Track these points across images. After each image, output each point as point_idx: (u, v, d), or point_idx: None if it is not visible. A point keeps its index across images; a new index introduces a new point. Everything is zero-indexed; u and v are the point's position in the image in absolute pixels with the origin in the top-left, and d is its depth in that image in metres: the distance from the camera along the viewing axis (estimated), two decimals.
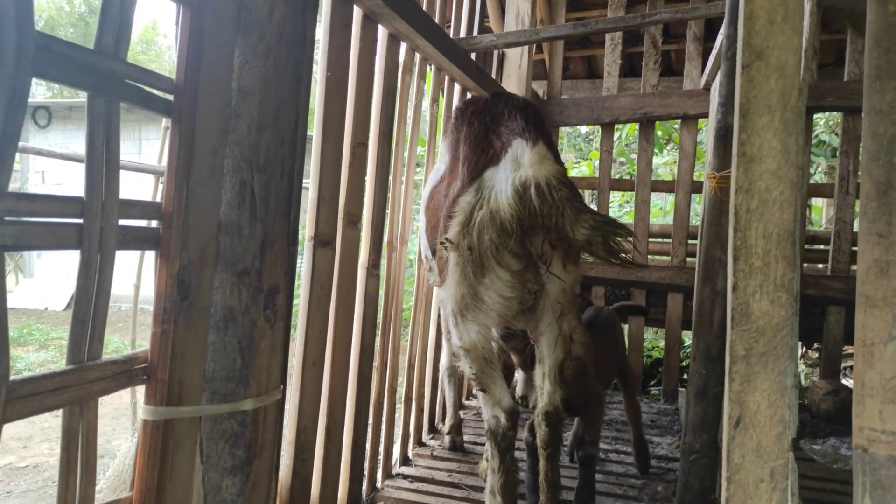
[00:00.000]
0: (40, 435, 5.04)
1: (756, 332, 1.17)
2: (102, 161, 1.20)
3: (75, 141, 11.23)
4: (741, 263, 1.18)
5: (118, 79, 1.21)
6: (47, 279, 11.66)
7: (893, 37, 1.10)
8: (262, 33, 1.48)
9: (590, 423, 2.31)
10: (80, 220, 1.16)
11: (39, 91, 21.24)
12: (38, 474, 4.50)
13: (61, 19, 23.25)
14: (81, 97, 1.38)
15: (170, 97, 1.36)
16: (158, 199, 1.38)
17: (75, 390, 1.16)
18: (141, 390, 1.37)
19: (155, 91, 1.34)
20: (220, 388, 1.46)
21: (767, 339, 1.16)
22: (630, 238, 1.78)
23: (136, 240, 1.32)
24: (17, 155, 1.26)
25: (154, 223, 1.38)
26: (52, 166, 11.66)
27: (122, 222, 1.27)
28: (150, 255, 2.16)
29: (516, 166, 1.83)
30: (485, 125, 2.07)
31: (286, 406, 1.96)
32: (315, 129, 2.10)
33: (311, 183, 2.08)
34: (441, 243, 1.98)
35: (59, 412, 1.16)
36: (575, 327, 2.05)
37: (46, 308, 10.95)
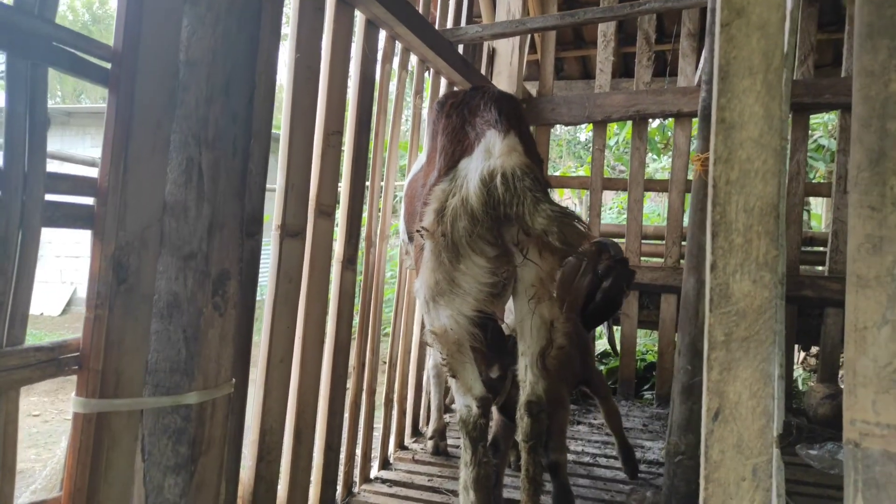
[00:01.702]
0: (28, 440, 4.92)
1: (736, 315, 1.06)
2: (25, 129, 1.10)
3: (73, 148, 11.17)
4: (720, 240, 1.08)
5: (43, 40, 1.12)
6: (43, 283, 11.56)
7: None
8: (210, 2, 1.38)
9: (550, 425, 2.17)
10: None
11: None
12: (22, 480, 4.38)
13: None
14: (82, 103, 1.29)
15: (107, 65, 1.26)
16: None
17: None
18: None
19: (91, 58, 1.24)
20: (163, 381, 1.35)
21: (749, 322, 1.05)
22: (586, 230, 1.80)
23: (66, 217, 1.21)
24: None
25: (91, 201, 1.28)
26: (53, 168, 11.57)
27: (51, 198, 1.18)
28: None
29: (487, 156, 1.86)
30: (462, 117, 2.07)
31: (249, 404, 1.86)
32: (283, 114, 2.01)
33: (279, 170, 1.99)
34: (417, 231, 1.98)
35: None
36: (557, 315, 1.99)
37: (42, 313, 10.83)
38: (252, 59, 1.50)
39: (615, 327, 3.99)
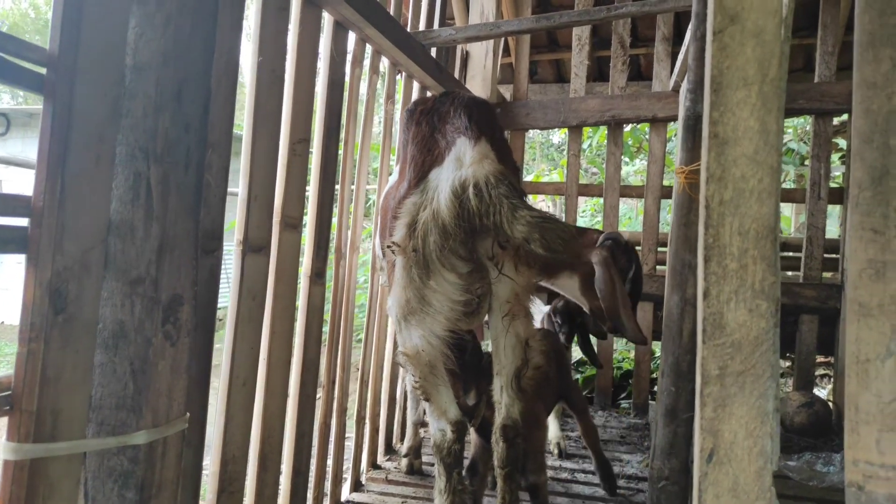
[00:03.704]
0: None
1: (731, 347, 0.98)
2: None
3: (35, 152, 10.80)
4: (713, 265, 1.00)
5: None
6: (4, 292, 11.14)
7: None
8: (160, 0, 1.26)
9: (527, 447, 2.08)
10: None
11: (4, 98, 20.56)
12: None
13: (26, 26, 22.52)
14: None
15: (42, 70, 1.14)
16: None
17: None
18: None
19: (24, 63, 1.12)
20: (107, 418, 1.23)
21: (745, 355, 0.97)
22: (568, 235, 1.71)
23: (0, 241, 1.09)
24: None
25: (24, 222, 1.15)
26: (11, 174, 11.18)
27: None
28: None
29: (458, 165, 1.79)
30: (432, 124, 2.00)
31: (210, 433, 1.73)
32: (245, 121, 1.89)
33: (240, 181, 1.87)
34: (388, 246, 1.91)
35: None
36: (533, 333, 1.92)
37: (3, 322, 10.46)
38: (208, 63, 1.38)
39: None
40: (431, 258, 1.78)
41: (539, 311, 2.84)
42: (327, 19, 2.32)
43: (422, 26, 3.41)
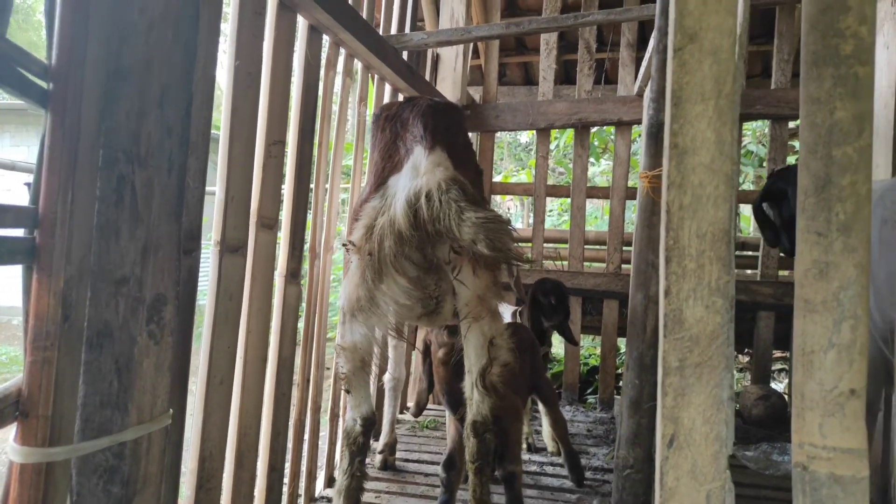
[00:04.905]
0: None
1: (690, 340, 1.06)
2: None
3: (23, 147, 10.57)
4: (673, 266, 1.08)
5: (2, 59, 1.02)
6: None
7: (830, 20, 1.03)
8: (143, 7, 1.29)
9: (505, 438, 2.17)
10: None
11: None
12: None
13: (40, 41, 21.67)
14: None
15: (44, 84, 1.15)
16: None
17: None
18: None
19: (31, 76, 1.14)
20: (92, 416, 1.25)
21: (702, 348, 1.06)
22: (515, 235, 1.82)
23: (7, 253, 1.10)
24: None
25: (22, 232, 1.17)
26: None
27: None
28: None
29: (415, 174, 1.86)
30: (394, 131, 2.07)
31: (188, 431, 1.76)
32: (223, 124, 1.92)
33: (217, 182, 1.90)
34: (344, 245, 2.00)
35: None
36: (499, 331, 1.98)
37: None
38: (189, 69, 1.41)
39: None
40: (385, 262, 1.85)
41: (507, 308, 2.91)
42: (302, 23, 2.35)
43: (394, 29, 3.46)
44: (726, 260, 1.07)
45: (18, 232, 1.17)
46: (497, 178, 8.25)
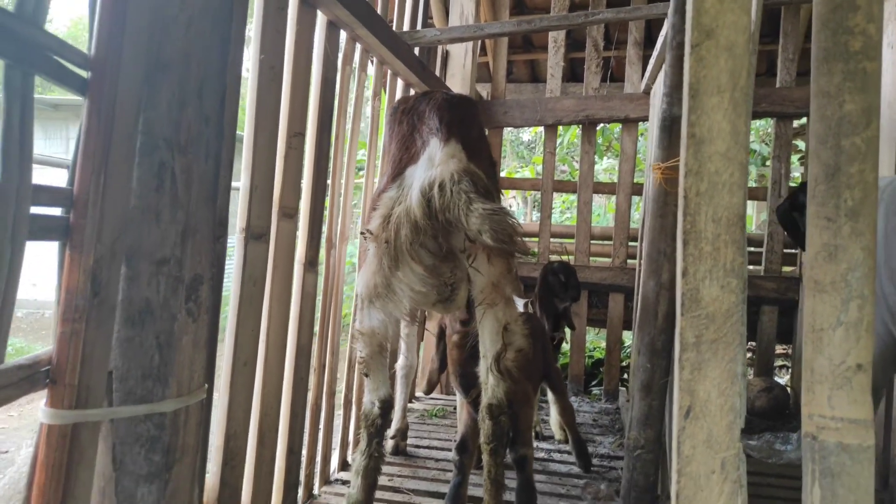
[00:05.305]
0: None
1: (706, 318, 1.13)
2: (18, 140, 1.06)
3: None
4: (691, 248, 1.14)
5: (38, 49, 1.08)
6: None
7: (840, 18, 1.09)
8: (183, 2, 1.35)
9: (516, 423, 2.24)
10: None
11: None
12: None
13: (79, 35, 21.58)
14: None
15: (83, 73, 1.22)
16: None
17: None
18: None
19: (71, 66, 1.20)
20: (134, 388, 1.32)
21: (717, 325, 1.12)
22: (519, 228, 1.84)
23: (42, 230, 1.16)
24: None
25: (58, 211, 1.24)
26: None
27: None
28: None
29: (430, 165, 1.91)
30: (411, 124, 2.12)
31: (214, 410, 1.83)
32: (247, 115, 1.98)
33: (242, 172, 1.97)
34: (362, 233, 2.06)
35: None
36: (514, 317, 2.04)
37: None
38: (224, 62, 1.48)
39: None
40: (402, 250, 1.90)
41: (518, 300, 2.98)
42: (321, 19, 2.42)
43: (406, 26, 3.52)
44: (740, 243, 1.14)
45: (57, 211, 1.25)
46: (502, 175, 8.30)
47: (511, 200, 12.01)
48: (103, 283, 1.25)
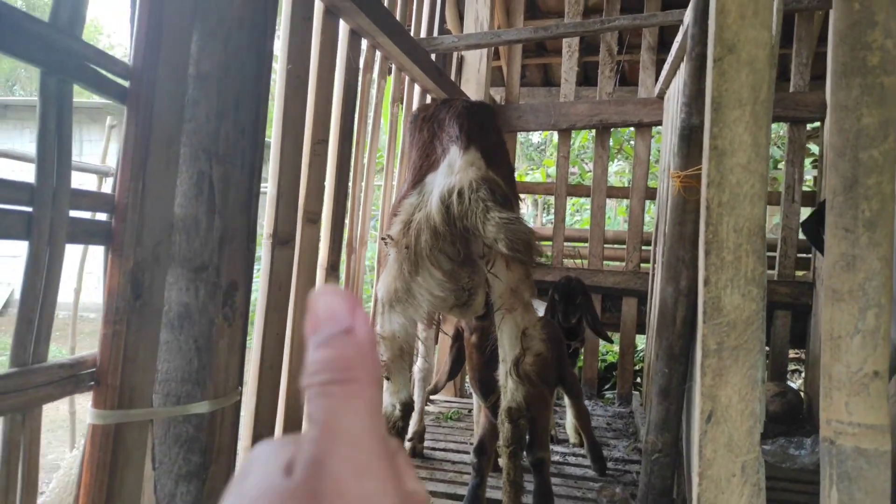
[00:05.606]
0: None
1: (727, 325, 1.17)
2: (55, 145, 1.12)
3: (10, 143, 10.72)
4: (713, 258, 1.18)
5: (74, 57, 1.13)
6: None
7: (858, 34, 1.13)
8: (221, 17, 1.41)
9: (534, 426, 2.28)
10: (30, 209, 1.08)
11: None
12: None
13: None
14: (16, 94, 1.29)
15: (123, 82, 1.28)
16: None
17: (18, 396, 1.06)
18: (80, 399, 1.28)
19: (110, 75, 1.26)
20: (174, 390, 1.38)
21: (738, 332, 1.16)
22: (536, 239, 1.88)
23: (85, 233, 1.23)
24: None
25: (101, 216, 1.29)
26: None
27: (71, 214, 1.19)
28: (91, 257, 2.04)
29: (449, 172, 1.95)
30: (432, 131, 2.15)
31: (241, 411, 1.88)
32: (274, 124, 2.04)
33: (269, 179, 2.02)
34: (382, 238, 2.10)
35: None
36: (532, 322, 2.07)
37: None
38: (259, 75, 1.53)
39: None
40: (421, 256, 1.94)
41: (540, 304, 3.02)
42: (343, 28, 2.47)
43: (423, 33, 3.57)
44: (760, 253, 1.18)
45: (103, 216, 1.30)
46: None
47: (521, 204, 12.04)
48: (145, 287, 1.31)
